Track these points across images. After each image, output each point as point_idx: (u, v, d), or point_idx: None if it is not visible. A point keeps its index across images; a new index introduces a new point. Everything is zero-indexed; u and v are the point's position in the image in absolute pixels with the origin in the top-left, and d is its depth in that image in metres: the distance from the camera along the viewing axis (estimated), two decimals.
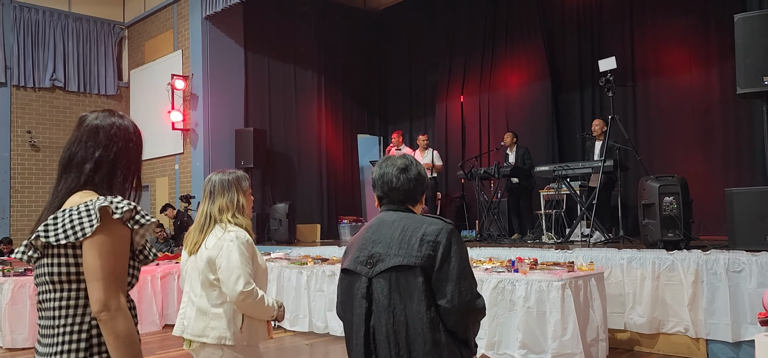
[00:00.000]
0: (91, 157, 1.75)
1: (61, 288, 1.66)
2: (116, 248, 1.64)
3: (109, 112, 1.85)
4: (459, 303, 2.05)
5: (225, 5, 10.50)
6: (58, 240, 1.62)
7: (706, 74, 8.95)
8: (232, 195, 2.90)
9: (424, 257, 2.07)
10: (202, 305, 2.81)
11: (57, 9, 12.39)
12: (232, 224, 2.85)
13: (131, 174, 1.82)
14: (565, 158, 9.88)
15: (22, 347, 6.71)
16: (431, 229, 2.11)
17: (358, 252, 2.21)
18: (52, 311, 1.67)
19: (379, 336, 2.10)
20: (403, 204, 2.26)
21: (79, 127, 1.82)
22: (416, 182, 2.26)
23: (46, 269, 1.66)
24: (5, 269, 7.19)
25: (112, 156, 1.77)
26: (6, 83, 11.76)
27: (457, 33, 12.10)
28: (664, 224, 5.93)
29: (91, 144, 1.77)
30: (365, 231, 2.27)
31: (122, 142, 1.80)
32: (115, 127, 1.80)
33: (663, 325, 5.68)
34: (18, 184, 11.86)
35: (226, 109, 11.27)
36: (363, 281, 2.16)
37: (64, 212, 1.67)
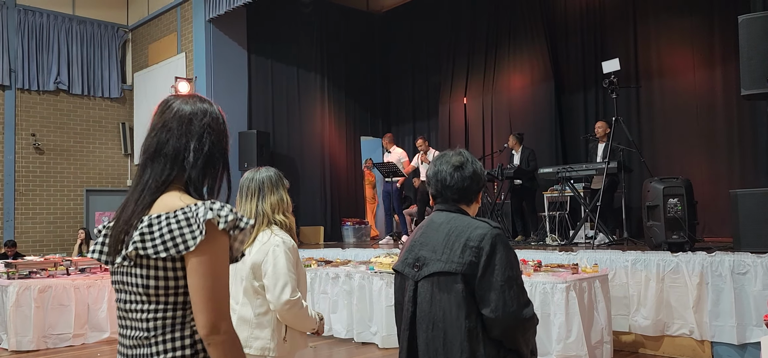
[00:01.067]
0: (185, 148, 1.57)
1: (157, 300, 1.50)
2: (220, 263, 1.48)
3: (197, 96, 1.65)
4: (504, 313, 1.96)
5: (228, 8, 10.52)
6: (158, 253, 1.46)
7: (709, 75, 8.93)
8: (281, 193, 2.75)
9: (465, 263, 1.99)
10: (245, 314, 2.65)
11: (61, 12, 12.43)
12: (278, 225, 2.71)
13: (222, 170, 1.65)
14: (568, 160, 9.87)
15: (27, 349, 6.71)
16: (476, 234, 2.03)
17: (407, 254, 2.16)
18: (147, 323, 1.51)
19: (420, 341, 2.05)
20: (456, 203, 2.17)
21: (165, 112, 1.61)
22: (471, 180, 2.16)
23: (141, 281, 1.50)
24: (10, 272, 7.21)
25: (206, 150, 1.58)
26: (10, 86, 11.80)
27: (460, 35, 12.10)
28: (668, 225, 5.92)
29: (184, 133, 1.57)
30: (416, 232, 2.21)
31: (215, 135, 1.61)
32: (208, 115, 1.61)
33: (668, 327, 5.67)
34: (22, 186, 11.88)
35: (229, 111, 11.17)
36: (410, 284, 2.11)
37: (159, 220, 1.49)
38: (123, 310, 1.57)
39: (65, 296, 7.05)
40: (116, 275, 1.57)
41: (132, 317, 1.54)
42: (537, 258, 6.09)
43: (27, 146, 11.97)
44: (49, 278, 7.19)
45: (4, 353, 6.74)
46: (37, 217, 12.05)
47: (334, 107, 12.81)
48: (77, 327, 7.07)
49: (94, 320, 7.20)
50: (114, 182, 13.06)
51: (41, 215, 12.12)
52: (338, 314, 7.05)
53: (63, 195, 12.39)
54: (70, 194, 12.47)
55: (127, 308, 1.55)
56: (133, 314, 1.54)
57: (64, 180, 12.41)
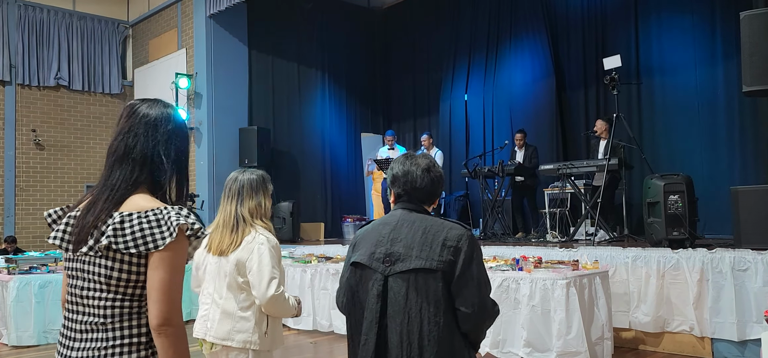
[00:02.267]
0: (152, 153, 1.68)
1: (116, 290, 1.62)
2: (181, 264, 1.61)
3: (160, 102, 1.75)
4: (479, 309, 2.08)
5: (229, 4, 10.51)
6: (128, 248, 1.58)
7: (711, 72, 8.91)
8: (259, 198, 2.88)
9: (445, 261, 2.07)
10: (228, 307, 2.76)
11: (61, 8, 12.41)
12: (262, 226, 2.83)
13: (185, 175, 1.76)
14: (569, 157, 9.86)
15: (27, 344, 6.73)
16: (453, 234, 2.11)
17: (374, 247, 2.17)
18: (104, 309, 1.62)
19: (391, 335, 2.08)
20: (422, 204, 2.25)
21: (131, 117, 1.70)
22: (438, 183, 2.26)
23: (104, 271, 1.61)
24: (10, 267, 7.22)
25: (173, 156, 1.70)
26: (11, 82, 11.80)
27: (461, 31, 12.08)
28: (669, 222, 5.91)
29: (151, 138, 1.68)
30: (381, 227, 2.22)
31: (180, 140, 1.73)
32: (172, 121, 1.72)
33: (668, 324, 5.67)
34: (22, 182, 11.89)
35: (229, 107, 11.28)
36: (378, 278, 2.13)
37: (131, 218, 1.60)
38: (78, 296, 1.66)
39: None
40: (75, 263, 1.67)
41: (88, 304, 1.64)
42: (537, 255, 6.08)
43: (27, 142, 11.97)
44: (49, 274, 7.19)
45: (4, 347, 6.76)
46: (37, 212, 12.05)
47: (334, 104, 12.80)
48: None
49: None
50: None
51: (41, 210, 12.12)
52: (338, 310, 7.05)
53: (63, 191, 12.39)
54: (71, 189, 12.47)
55: (84, 294, 1.64)
56: (90, 301, 1.63)
57: (65, 176, 12.41)
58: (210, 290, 2.85)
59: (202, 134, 11.13)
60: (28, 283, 6.84)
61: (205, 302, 2.89)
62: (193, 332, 2.89)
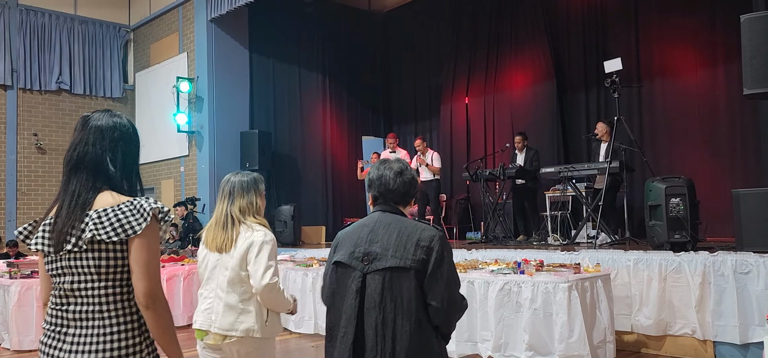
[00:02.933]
0: (102, 157, 1.87)
1: (106, 278, 1.81)
2: (156, 244, 1.83)
3: (108, 112, 1.96)
4: (448, 304, 2.25)
5: (230, 7, 10.53)
6: (110, 237, 1.78)
7: (712, 75, 8.92)
8: (250, 197, 3.06)
9: (418, 260, 2.24)
10: (230, 301, 2.94)
11: (63, 12, 12.44)
12: (256, 223, 3.01)
13: (136, 171, 1.97)
14: (570, 160, 9.86)
15: (28, 348, 6.72)
16: (425, 235, 2.28)
17: (353, 247, 2.35)
18: (99, 297, 1.81)
19: (367, 328, 2.24)
20: (396, 205, 2.44)
21: (83, 128, 1.91)
22: (410, 185, 2.45)
23: (93, 263, 1.80)
24: (12, 272, 7.22)
25: (120, 158, 1.90)
26: (12, 86, 11.82)
27: (462, 34, 12.09)
28: (670, 225, 5.91)
29: (99, 145, 1.88)
30: (360, 229, 2.40)
31: (126, 144, 1.94)
32: (117, 128, 1.93)
33: (670, 327, 5.66)
34: (24, 186, 11.90)
35: (231, 111, 11.29)
36: (357, 276, 2.30)
37: (107, 213, 1.80)
38: (70, 291, 1.83)
39: None
40: (62, 262, 1.84)
41: (81, 295, 1.82)
42: (539, 258, 6.08)
43: (29, 146, 11.99)
44: None
45: (6, 352, 6.75)
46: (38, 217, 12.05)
47: (335, 107, 12.81)
48: None
49: None
50: None
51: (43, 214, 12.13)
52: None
53: None
54: None
55: (75, 287, 1.82)
56: (85, 292, 1.82)
57: None
58: (212, 285, 3.01)
59: (203, 138, 11.14)
60: (29, 287, 6.84)
61: (207, 297, 3.03)
62: (194, 324, 3.06)
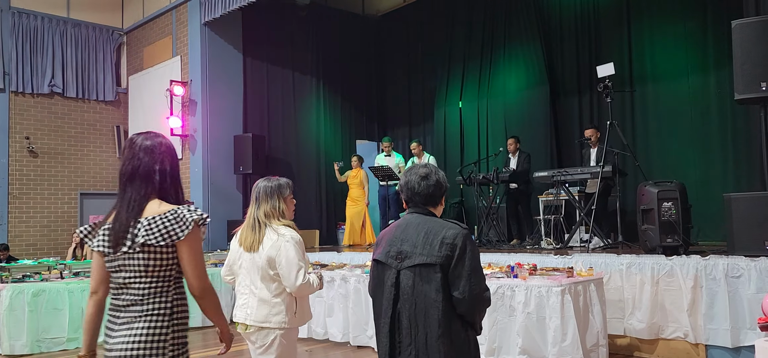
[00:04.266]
0: (154, 170, 2.24)
1: (151, 275, 2.18)
2: (200, 246, 2.21)
3: (151, 133, 2.33)
4: (469, 295, 2.48)
5: (224, 11, 10.52)
6: (159, 242, 2.15)
7: (703, 80, 8.98)
8: (273, 202, 3.35)
9: (443, 256, 2.50)
10: (263, 296, 3.29)
11: (56, 15, 12.39)
12: (281, 225, 3.30)
13: (179, 183, 2.33)
14: (563, 164, 9.89)
15: (20, 353, 6.68)
16: (449, 233, 2.53)
17: (389, 247, 2.64)
18: (141, 290, 2.19)
19: (402, 318, 2.54)
20: (425, 206, 2.69)
21: (132, 147, 2.28)
22: (435, 187, 2.68)
23: (142, 263, 2.17)
24: (4, 276, 7.18)
25: (168, 170, 2.27)
26: (5, 89, 11.76)
27: (456, 39, 12.13)
28: (663, 229, 5.94)
29: (148, 159, 2.25)
30: (395, 230, 2.69)
31: (170, 159, 2.31)
32: (163, 145, 2.29)
33: (662, 330, 5.69)
34: (16, 190, 11.83)
35: (224, 115, 11.27)
36: (392, 272, 2.59)
37: (155, 220, 2.17)
38: (122, 284, 2.22)
39: (59, 299, 7.02)
40: (118, 261, 2.21)
41: (131, 287, 2.20)
42: (532, 262, 6.10)
43: (21, 149, 11.92)
44: (43, 282, 7.16)
45: None
46: (30, 220, 11.99)
47: (329, 111, 12.81)
48: (71, 331, 7.04)
49: None
50: (108, 185, 13.01)
51: (35, 218, 12.07)
52: (334, 317, 7.05)
53: (57, 198, 12.34)
54: (64, 197, 12.43)
55: (128, 282, 2.21)
56: (133, 286, 2.20)
57: (58, 183, 12.37)
58: (247, 282, 3.35)
59: (196, 141, 11.12)
60: (21, 291, 6.80)
61: (243, 293, 3.37)
62: (233, 318, 3.41)
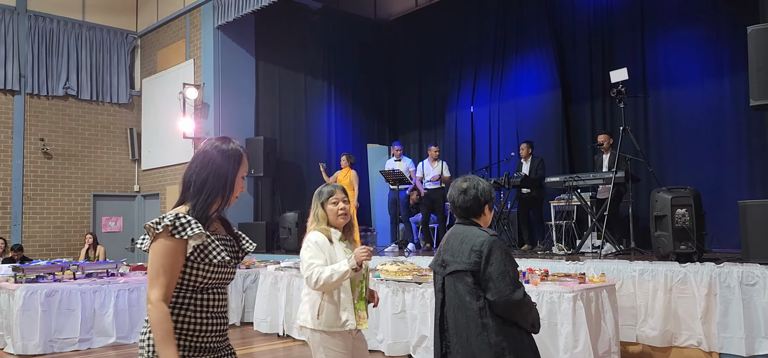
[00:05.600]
0: (186, 177, 2.18)
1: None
2: (161, 254, 2.02)
3: (222, 139, 2.24)
4: (499, 297, 2.68)
5: (237, 15, 10.58)
6: (145, 247, 2.14)
7: (718, 86, 8.90)
8: (313, 208, 3.48)
9: (472, 262, 2.75)
10: (303, 296, 3.46)
11: (71, 18, 12.52)
12: (312, 228, 3.41)
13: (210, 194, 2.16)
14: (575, 169, 9.84)
15: (33, 353, 6.73)
16: (478, 241, 2.76)
17: (437, 256, 2.98)
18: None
19: (448, 319, 2.85)
20: (467, 217, 2.92)
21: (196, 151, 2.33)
22: (473, 201, 2.89)
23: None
24: (17, 276, 7.24)
25: (202, 177, 2.15)
26: (20, 91, 11.88)
27: (468, 43, 12.11)
28: (676, 236, 5.88)
29: (191, 167, 2.19)
30: (444, 240, 2.98)
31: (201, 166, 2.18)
32: (200, 154, 2.20)
33: (675, 338, 5.63)
34: (30, 191, 11.95)
35: (236, 118, 11.32)
36: (439, 279, 2.92)
37: (146, 224, 2.10)
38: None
39: (72, 300, 7.07)
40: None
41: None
42: (544, 267, 6.06)
43: (35, 151, 12.04)
44: (56, 282, 7.21)
45: (9, 357, 6.76)
46: (44, 221, 12.10)
47: (340, 114, 12.84)
48: (83, 332, 7.09)
49: (100, 325, 7.22)
50: (121, 187, 13.11)
51: (49, 219, 12.17)
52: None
53: (70, 199, 12.44)
54: (78, 198, 12.53)
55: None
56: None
57: (72, 185, 12.47)
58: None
59: None
60: (34, 292, 6.85)
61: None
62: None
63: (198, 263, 2.09)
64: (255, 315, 7.93)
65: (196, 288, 2.10)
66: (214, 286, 2.15)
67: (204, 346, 2.12)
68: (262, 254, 10.15)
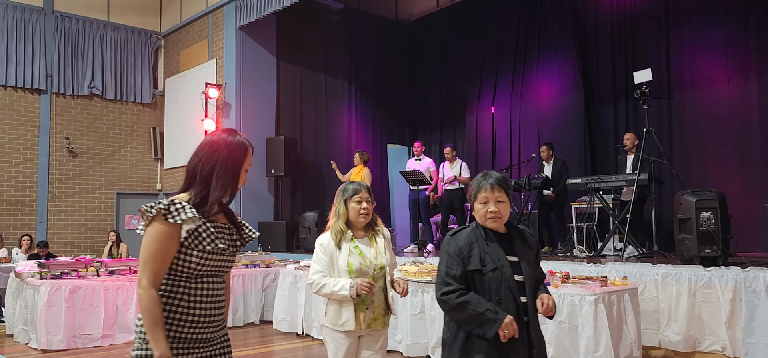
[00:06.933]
0: (190, 166, 2.20)
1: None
2: (153, 238, 2.03)
3: (228, 131, 2.25)
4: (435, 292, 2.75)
5: (259, 15, 10.65)
6: (140, 231, 2.12)
7: (744, 86, 8.74)
8: (335, 202, 3.52)
9: None
10: None
11: (97, 18, 12.71)
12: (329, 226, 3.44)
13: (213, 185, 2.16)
14: (597, 171, 9.73)
15: (57, 348, 6.83)
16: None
17: None
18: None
19: None
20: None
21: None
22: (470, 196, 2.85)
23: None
24: (43, 272, 7.36)
25: (208, 168, 2.15)
26: (46, 90, 12.09)
27: (489, 43, 12.05)
28: (700, 239, 5.78)
29: (195, 157, 2.21)
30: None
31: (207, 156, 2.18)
32: (206, 143, 2.20)
33: (699, 343, 5.54)
34: (55, 189, 12.15)
35: (257, 117, 11.40)
36: None
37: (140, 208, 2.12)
38: None
39: (95, 296, 7.17)
40: None
41: None
42: (565, 270, 6.00)
43: (61, 149, 12.24)
44: (79, 279, 7.32)
45: (33, 351, 6.87)
46: (69, 218, 12.30)
47: (361, 114, 12.85)
48: (106, 328, 7.18)
49: (123, 322, 7.31)
50: (144, 185, 13.27)
51: (73, 216, 12.37)
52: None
53: (94, 197, 12.63)
54: (102, 196, 12.71)
55: None
56: None
57: (96, 183, 12.66)
58: None
59: None
60: (59, 288, 6.96)
61: None
62: None
63: (191, 250, 2.07)
64: (274, 314, 7.97)
65: (189, 275, 2.08)
66: (207, 274, 2.12)
67: (195, 336, 2.09)
68: (282, 253, 10.20)
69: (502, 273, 2.63)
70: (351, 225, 3.42)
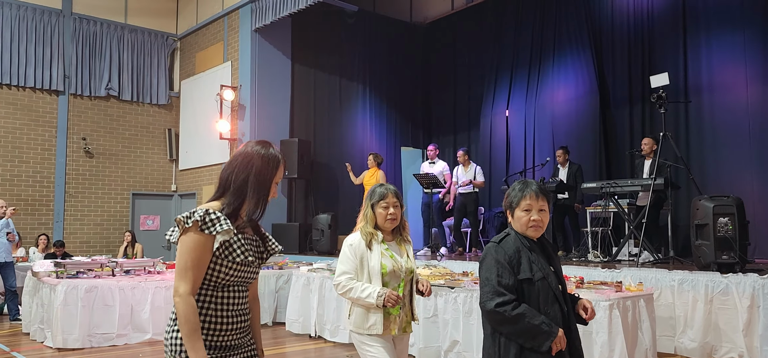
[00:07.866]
0: (222, 177, 2.24)
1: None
2: (188, 248, 2.06)
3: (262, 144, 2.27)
4: (480, 303, 2.63)
5: (274, 18, 10.70)
6: (173, 239, 2.17)
7: (762, 91, 8.62)
8: (363, 207, 3.46)
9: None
10: None
11: (114, 21, 12.84)
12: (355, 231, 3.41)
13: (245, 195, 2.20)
14: (612, 175, 9.65)
15: (72, 347, 6.89)
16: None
17: None
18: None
19: None
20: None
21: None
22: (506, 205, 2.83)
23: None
24: (59, 271, 7.44)
25: (241, 179, 2.19)
26: (64, 92, 12.24)
27: (504, 47, 12.01)
28: (718, 245, 5.72)
29: (229, 167, 2.25)
30: None
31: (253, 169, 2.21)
32: (240, 155, 2.23)
33: (716, 351, 5.47)
34: (72, 189, 12.28)
35: (272, 119, 11.45)
36: None
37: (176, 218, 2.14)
38: None
39: (110, 296, 7.22)
40: None
41: None
42: (579, 275, 5.96)
43: (78, 150, 12.37)
44: (95, 279, 7.39)
45: (49, 350, 6.93)
46: (85, 218, 12.42)
47: (375, 117, 12.86)
48: (121, 327, 7.23)
49: (137, 321, 7.36)
50: (159, 186, 13.37)
51: (89, 216, 12.49)
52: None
53: (110, 198, 12.74)
54: (117, 196, 12.83)
55: None
56: None
57: (112, 183, 12.78)
58: None
59: None
60: (75, 287, 7.03)
61: None
62: None
63: (222, 260, 2.11)
64: (287, 316, 7.98)
65: (217, 285, 2.14)
66: (235, 284, 2.17)
67: (225, 343, 2.15)
68: (295, 255, 10.22)
69: (548, 282, 2.59)
70: (379, 229, 3.39)
